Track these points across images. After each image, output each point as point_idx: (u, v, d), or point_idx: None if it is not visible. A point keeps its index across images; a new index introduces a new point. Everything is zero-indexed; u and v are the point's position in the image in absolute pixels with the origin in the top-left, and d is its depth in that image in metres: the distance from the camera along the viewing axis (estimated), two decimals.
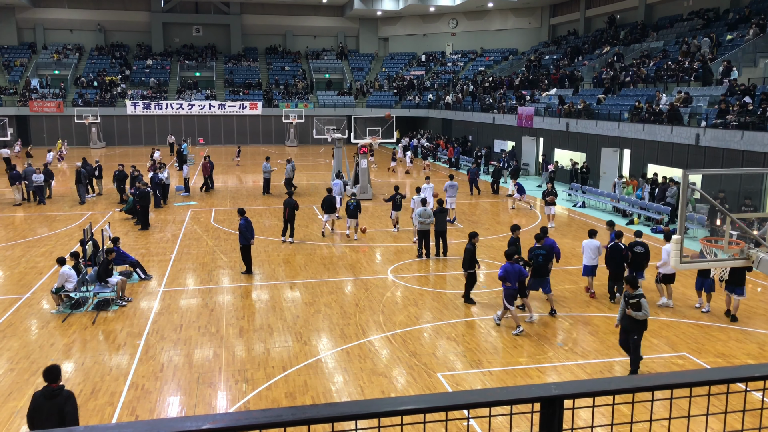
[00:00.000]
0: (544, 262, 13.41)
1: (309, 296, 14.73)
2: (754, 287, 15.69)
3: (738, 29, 29.95)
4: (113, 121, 53.55)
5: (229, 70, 60.85)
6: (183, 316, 13.39)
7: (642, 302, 10.33)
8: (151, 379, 10.39)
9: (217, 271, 16.79)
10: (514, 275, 12.30)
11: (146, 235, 20.83)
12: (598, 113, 30.69)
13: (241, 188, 31.23)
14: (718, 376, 2.05)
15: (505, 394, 1.92)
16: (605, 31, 44.32)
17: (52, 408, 6.99)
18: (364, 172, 27.71)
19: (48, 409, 7.00)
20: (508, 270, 12.30)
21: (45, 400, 7.03)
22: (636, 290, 10.47)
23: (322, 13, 64.19)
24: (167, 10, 62.00)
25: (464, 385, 10.30)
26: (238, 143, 55.67)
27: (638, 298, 10.37)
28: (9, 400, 9.63)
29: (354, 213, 19.76)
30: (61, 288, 13.58)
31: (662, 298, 14.17)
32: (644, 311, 10.30)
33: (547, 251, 13.46)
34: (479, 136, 44.28)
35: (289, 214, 19.49)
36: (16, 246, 19.33)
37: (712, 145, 22.53)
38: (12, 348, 11.63)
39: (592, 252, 14.48)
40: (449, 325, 12.92)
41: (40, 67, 57.46)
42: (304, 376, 10.56)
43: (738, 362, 11.20)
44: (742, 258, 7.45)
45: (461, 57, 60.90)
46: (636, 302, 10.35)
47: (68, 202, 26.82)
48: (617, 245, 13.96)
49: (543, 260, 13.39)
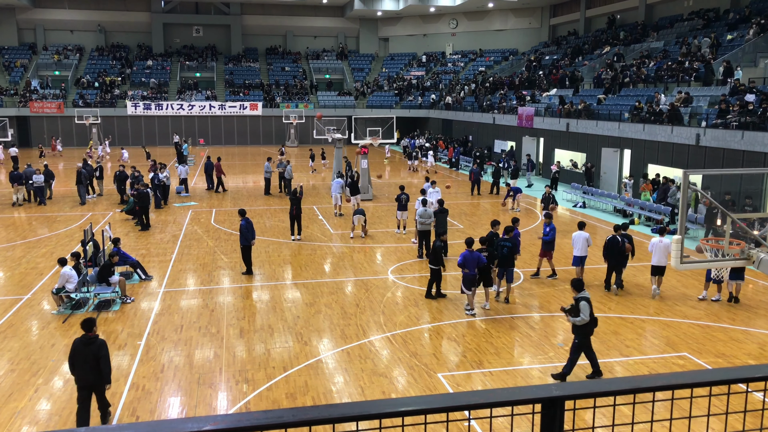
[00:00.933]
0: (508, 254, 14.05)
1: (309, 297, 14.73)
2: (754, 287, 15.69)
3: (738, 29, 29.95)
4: (113, 121, 53.57)
5: (230, 70, 60.86)
6: (183, 316, 13.39)
7: (581, 306, 10.06)
8: (152, 380, 10.39)
9: (217, 271, 16.79)
10: (472, 262, 13.14)
11: (147, 236, 20.84)
12: (599, 113, 30.69)
13: (242, 189, 31.23)
14: (719, 377, 2.05)
15: (506, 394, 1.92)
16: (605, 31, 44.33)
17: (89, 353, 8.42)
18: (364, 172, 27.72)
19: (85, 354, 8.41)
20: (466, 257, 13.16)
21: (83, 346, 8.46)
22: (579, 293, 10.32)
23: (323, 13, 64.19)
24: (167, 11, 62.02)
25: (465, 385, 10.29)
26: (238, 144, 55.72)
27: (578, 302, 10.13)
28: (10, 401, 9.63)
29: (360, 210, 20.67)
30: (61, 289, 13.58)
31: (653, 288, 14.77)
32: (582, 316, 10.03)
33: (512, 244, 14.16)
34: (480, 137, 44.27)
35: (297, 210, 19.87)
36: (17, 247, 19.33)
37: (713, 145, 22.52)
38: (13, 349, 11.64)
39: (581, 243, 15.20)
40: (450, 325, 12.92)
41: (41, 68, 57.50)
42: (305, 376, 10.56)
43: (739, 362, 11.20)
44: (743, 258, 7.46)
45: (461, 57, 60.91)
46: (574, 306, 10.17)
47: (69, 203, 26.83)
48: (614, 238, 14.71)
49: (507, 252, 14.01)
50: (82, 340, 8.53)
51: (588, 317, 10.07)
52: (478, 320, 13.23)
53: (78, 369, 8.46)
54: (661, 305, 14.18)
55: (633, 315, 13.55)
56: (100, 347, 8.51)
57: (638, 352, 11.61)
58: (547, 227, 16.00)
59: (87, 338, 8.52)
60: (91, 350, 8.44)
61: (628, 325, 12.97)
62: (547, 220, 16.22)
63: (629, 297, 14.73)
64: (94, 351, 8.44)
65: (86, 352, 8.44)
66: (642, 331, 12.60)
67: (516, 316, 13.53)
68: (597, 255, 18.45)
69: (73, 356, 8.48)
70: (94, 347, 8.47)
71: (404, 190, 21.03)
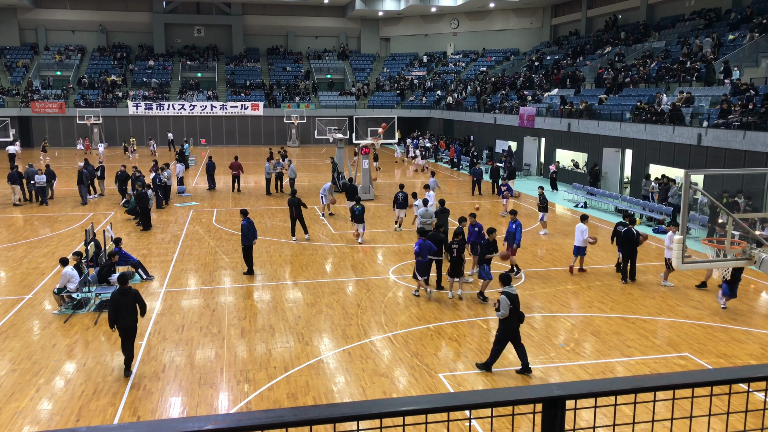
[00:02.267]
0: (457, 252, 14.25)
1: (311, 297, 14.73)
2: (755, 287, 15.68)
3: (740, 29, 29.91)
4: (115, 121, 53.61)
5: (231, 70, 60.89)
6: (185, 316, 13.40)
7: (500, 300, 10.31)
8: (153, 380, 10.40)
9: (218, 271, 16.80)
10: (425, 249, 14.19)
11: (148, 236, 20.85)
12: (600, 113, 30.67)
13: (243, 189, 31.24)
14: (721, 377, 2.05)
15: (506, 394, 1.92)
16: (607, 31, 44.30)
17: (129, 300, 10.52)
18: (365, 172, 27.72)
19: (125, 302, 10.48)
20: (422, 246, 14.17)
21: (122, 296, 10.51)
22: (504, 287, 10.57)
23: (324, 13, 64.20)
24: (169, 11, 62.05)
25: (466, 385, 10.29)
26: (239, 144, 55.73)
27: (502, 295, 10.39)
28: (11, 401, 9.64)
29: (360, 218, 19.64)
30: (63, 288, 13.59)
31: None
32: (502, 311, 10.28)
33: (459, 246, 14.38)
34: (481, 137, 44.26)
35: (296, 212, 19.70)
36: (19, 247, 19.35)
37: (714, 145, 22.50)
38: (14, 349, 11.65)
39: (577, 234, 16.27)
40: (451, 325, 12.92)
41: (42, 68, 57.55)
42: (306, 376, 10.57)
43: (740, 363, 11.19)
44: (745, 258, 7.45)
45: (463, 57, 60.89)
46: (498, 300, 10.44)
47: (70, 203, 26.85)
48: (630, 230, 15.70)
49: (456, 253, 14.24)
50: (120, 291, 10.56)
51: (506, 311, 10.26)
52: (479, 320, 13.23)
53: (120, 316, 10.44)
54: (662, 305, 14.17)
55: (634, 315, 13.54)
56: (136, 294, 10.68)
57: (639, 352, 11.60)
58: (513, 224, 16.48)
59: (124, 290, 10.60)
60: (128, 298, 10.52)
61: (630, 325, 12.96)
62: (513, 216, 16.60)
63: (630, 297, 14.72)
64: (131, 299, 10.55)
65: (125, 301, 10.49)
66: (643, 331, 12.59)
67: None
68: (599, 255, 18.45)
69: (116, 306, 10.42)
70: (131, 296, 10.56)
71: (403, 189, 21.29)
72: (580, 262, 16.68)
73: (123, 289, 10.66)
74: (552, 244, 19.84)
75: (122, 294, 10.59)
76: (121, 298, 10.54)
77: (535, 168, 37.46)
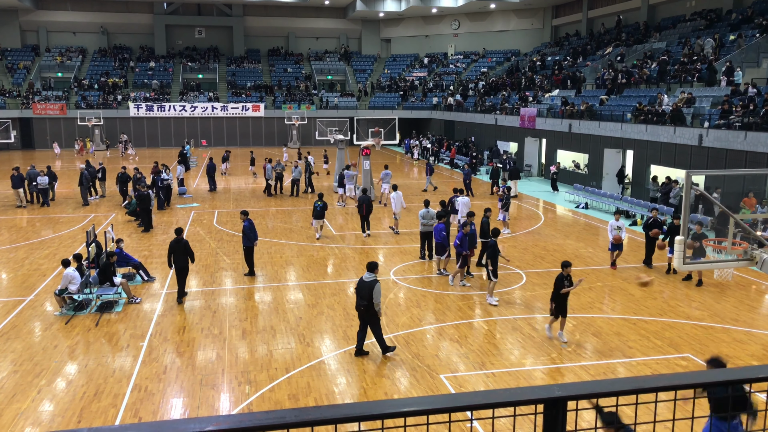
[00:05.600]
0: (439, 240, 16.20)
1: (312, 298, 14.74)
2: (757, 288, 15.66)
3: (741, 29, 29.90)
4: (116, 123, 53.66)
5: (232, 72, 60.93)
6: (186, 318, 13.41)
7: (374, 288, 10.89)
8: (154, 381, 10.40)
9: (219, 272, 16.81)
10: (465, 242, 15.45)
11: (149, 237, 20.86)
12: (601, 114, 30.66)
13: (244, 190, 31.26)
14: (722, 378, 2.05)
15: (508, 395, 1.92)
16: (608, 31, 44.29)
17: (180, 247, 14.01)
18: (366, 173, 27.71)
19: (179, 248, 13.99)
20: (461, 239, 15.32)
21: (177, 244, 14.03)
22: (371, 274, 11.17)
23: (325, 14, 64.24)
24: (170, 13, 62.11)
25: (467, 386, 10.29)
26: (240, 145, 55.73)
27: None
28: (13, 402, 9.64)
29: (320, 214, 20.06)
30: (64, 290, 13.60)
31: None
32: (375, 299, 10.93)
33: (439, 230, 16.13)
34: (482, 138, 44.26)
35: (367, 210, 20.38)
36: (20, 248, 19.37)
37: (715, 145, 22.49)
38: (16, 350, 11.65)
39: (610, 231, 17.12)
40: (452, 326, 12.92)
41: (44, 70, 57.61)
42: (307, 377, 10.56)
43: (742, 363, 11.17)
44: (746, 259, 7.44)
45: (464, 58, 60.91)
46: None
47: (71, 204, 26.87)
48: (655, 220, 17.02)
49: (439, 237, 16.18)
50: (176, 240, 14.10)
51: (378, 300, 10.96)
52: (480, 321, 13.23)
53: (175, 258, 13.95)
54: (663, 306, 14.16)
55: (636, 316, 13.53)
56: (186, 243, 14.17)
57: (641, 353, 11.59)
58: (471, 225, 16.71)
59: (178, 239, 14.09)
60: (181, 245, 14.02)
61: (631, 326, 12.95)
62: (469, 219, 16.07)
63: (632, 298, 14.71)
64: (182, 246, 14.04)
65: (179, 248, 13.99)
66: (645, 332, 12.58)
67: (518, 317, 13.52)
68: (600, 256, 18.44)
69: (173, 250, 14.01)
70: (182, 244, 14.06)
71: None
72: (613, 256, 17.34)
73: (177, 238, 14.06)
74: (553, 245, 19.84)
75: (177, 242, 14.03)
76: (176, 245, 13.98)
77: (536, 169, 37.46)
